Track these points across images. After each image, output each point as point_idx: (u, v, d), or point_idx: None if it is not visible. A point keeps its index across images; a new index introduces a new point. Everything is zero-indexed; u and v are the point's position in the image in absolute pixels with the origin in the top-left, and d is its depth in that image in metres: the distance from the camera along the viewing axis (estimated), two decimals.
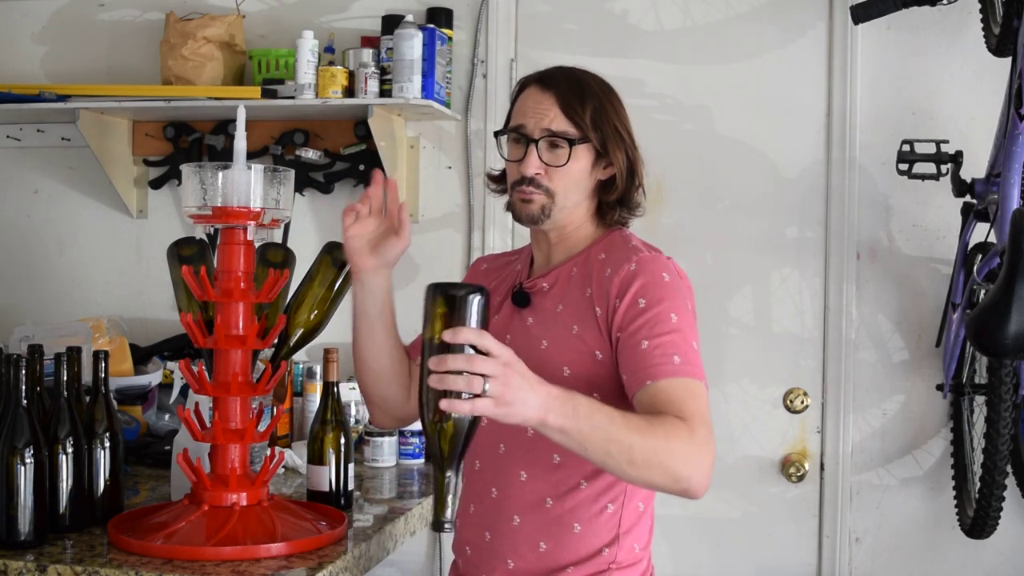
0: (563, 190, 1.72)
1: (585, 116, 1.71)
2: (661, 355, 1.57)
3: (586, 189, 1.75)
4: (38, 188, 3.27)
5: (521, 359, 1.64)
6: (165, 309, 3.10)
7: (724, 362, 2.84)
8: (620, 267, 1.66)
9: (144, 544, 1.74)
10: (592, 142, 1.72)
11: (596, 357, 1.66)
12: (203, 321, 1.89)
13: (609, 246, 1.74)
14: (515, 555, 1.71)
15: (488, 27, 2.96)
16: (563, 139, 1.71)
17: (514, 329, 1.75)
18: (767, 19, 2.84)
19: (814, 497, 2.82)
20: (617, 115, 1.75)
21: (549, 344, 1.70)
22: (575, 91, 1.73)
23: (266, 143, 3.02)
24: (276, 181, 1.85)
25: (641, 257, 1.67)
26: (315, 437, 2.11)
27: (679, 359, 1.57)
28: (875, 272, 2.78)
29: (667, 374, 1.56)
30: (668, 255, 1.72)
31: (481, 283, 1.85)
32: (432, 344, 1.37)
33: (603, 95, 1.75)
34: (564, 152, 1.71)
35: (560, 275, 1.75)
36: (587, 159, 1.73)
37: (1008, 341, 1.85)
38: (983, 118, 2.64)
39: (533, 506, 1.70)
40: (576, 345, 1.67)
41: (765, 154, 2.84)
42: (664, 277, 1.64)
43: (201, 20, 2.92)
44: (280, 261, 2.09)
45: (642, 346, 1.59)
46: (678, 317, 1.61)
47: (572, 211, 1.75)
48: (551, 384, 1.42)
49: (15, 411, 1.76)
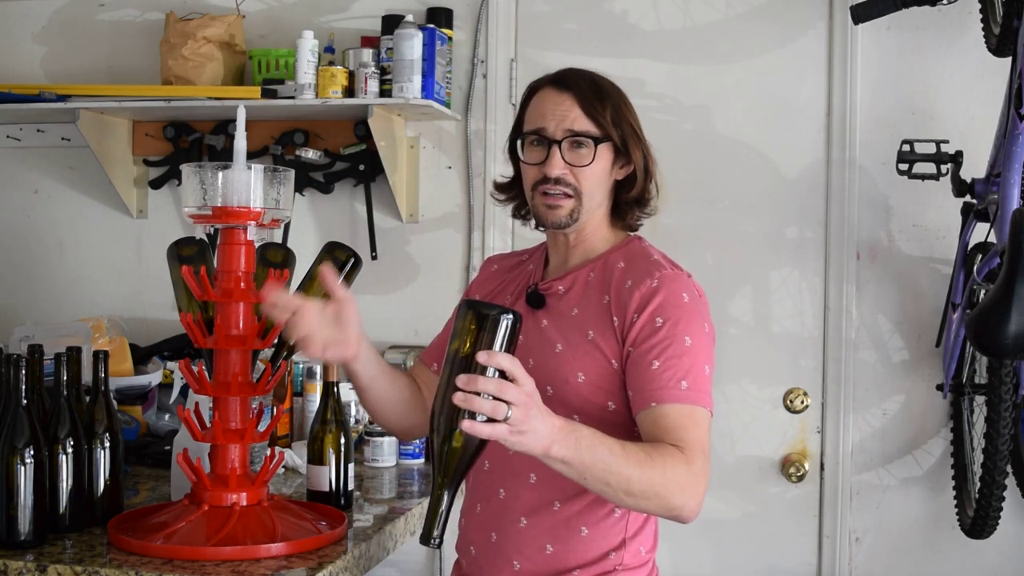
0: (589, 190, 1.73)
1: (606, 115, 1.72)
2: (670, 378, 1.58)
3: (607, 188, 1.76)
4: (38, 188, 3.27)
5: (534, 361, 1.64)
6: (165, 309, 3.10)
7: (724, 362, 2.80)
8: (642, 281, 1.66)
9: (144, 544, 1.74)
10: (614, 141, 1.73)
11: (612, 365, 1.66)
12: (203, 321, 1.89)
13: (629, 256, 1.74)
14: (521, 556, 1.71)
15: (488, 27, 2.96)
16: (587, 138, 1.71)
17: (528, 330, 1.72)
18: (767, 19, 2.84)
19: (814, 497, 2.82)
20: (632, 114, 1.76)
21: (564, 348, 1.69)
22: (593, 91, 1.74)
23: (266, 143, 3.02)
24: (276, 181, 1.85)
25: (664, 274, 1.66)
26: (315, 437, 2.11)
27: (687, 384, 1.58)
28: (875, 272, 2.78)
29: (673, 399, 1.57)
30: (688, 271, 1.72)
31: (492, 283, 1.86)
32: (458, 359, 1.37)
33: (617, 95, 1.76)
34: (588, 152, 1.72)
35: (577, 278, 1.75)
36: (608, 158, 1.74)
37: (1008, 341, 1.85)
38: (983, 118, 2.64)
39: (541, 508, 1.70)
40: (591, 351, 1.67)
41: (765, 154, 2.84)
42: (684, 297, 1.64)
43: (201, 20, 2.92)
44: (280, 261, 2.09)
45: (652, 366, 1.59)
46: (692, 340, 1.61)
47: (595, 212, 1.76)
48: (556, 415, 1.43)
49: (15, 411, 1.76)
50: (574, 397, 1.67)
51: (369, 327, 2.97)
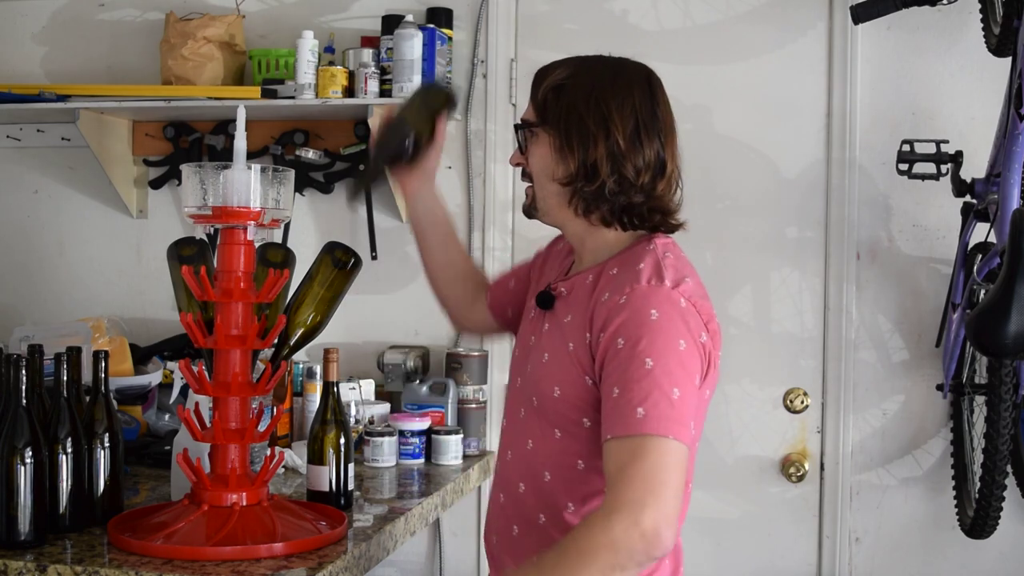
0: (536, 177, 1.68)
1: (540, 99, 1.65)
2: (625, 405, 1.45)
3: (554, 177, 1.64)
4: (38, 188, 3.27)
5: (531, 368, 1.64)
6: (165, 309, 3.10)
7: (724, 362, 2.79)
8: (614, 295, 1.54)
9: (144, 544, 1.74)
10: (546, 127, 1.63)
11: (586, 382, 1.56)
12: (203, 321, 1.89)
13: (624, 263, 1.61)
14: (514, 563, 1.66)
15: (488, 27, 2.96)
16: (523, 125, 1.68)
17: (537, 333, 1.69)
18: (767, 19, 2.84)
19: (814, 497, 2.82)
20: (592, 100, 1.61)
21: (549, 358, 1.63)
22: (545, 73, 1.67)
23: (266, 143, 3.02)
24: (276, 181, 1.85)
25: (636, 289, 1.53)
26: (315, 437, 2.11)
27: (643, 411, 1.44)
28: (875, 272, 2.78)
29: (623, 430, 1.44)
30: (683, 275, 1.58)
31: (540, 264, 1.87)
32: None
33: (588, 78, 1.63)
34: (527, 138, 1.68)
35: (576, 283, 1.66)
36: (549, 145, 1.64)
37: (1008, 341, 1.84)
38: (983, 118, 2.64)
39: (529, 519, 1.66)
40: (568, 365, 1.58)
41: (765, 154, 2.84)
42: (652, 315, 1.49)
43: (201, 20, 2.92)
44: (280, 261, 2.09)
45: (613, 394, 1.48)
46: (655, 362, 1.46)
47: (558, 209, 1.67)
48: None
49: (15, 411, 1.76)
50: (552, 411, 1.61)
51: (369, 327, 3.03)
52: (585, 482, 1.60)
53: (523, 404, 1.68)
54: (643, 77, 1.68)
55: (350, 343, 2.96)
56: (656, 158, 1.62)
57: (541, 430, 1.63)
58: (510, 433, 1.72)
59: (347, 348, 2.84)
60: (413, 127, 1.85)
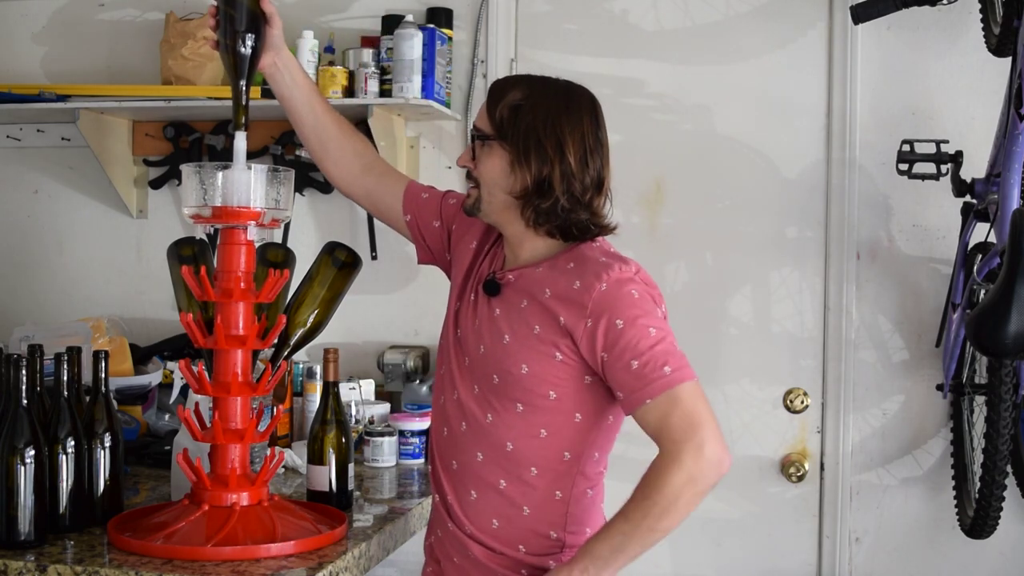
0: (486, 184, 1.80)
1: (503, 117, 1.77)
2: (652, 370, 1.64)
3: (508, 188, 1.78)
4: (38, 188, 3.27)
5: (485, 348, 1.76)
6: (165, 309, 3.10)
7: (724, 362, 2.84)
8: (591, 284, 1.70)
9: (144, 544, 1.74)
10: (503, 143, 1.77)
11: (556, 358, 1.72)
12: (203, 321, 1.89)
13: (579, 257, 1.77)
14: (473, 527, 1.81)
15: (488, 27, 2.96)
16: (478, 135, 1.80)
17: (482, 317, 1.81)
18: (767, 19, 2.84)
19: (814, 497, 2.82)
20: (550, 124, 1.75)
21: (511, 340, 1.75)
22: (503, 91, 1.80)
23: (266, 143, 3.02)
24: (276, 181, 1.86)
25: (611, 277, 1.70)
26: (315, 437, 2.11)
27: (669, 368, 1.65)
28: (875, 272, 2.78)
29: (659, 390, 1.64)
30: (632, 260, 1.76)
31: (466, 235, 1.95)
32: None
33: (545, 103, 1.77)
34: (480, 147, 1.80)
35: (524, 274, 1.79)
36: (504, 158, 1.77)
37: (1008, 341, 1.85)
38: (983, 118, 2.64)
39: (488, 485, 1.79)
40: (536, 345, 1.73)
41: (765, 154, 2.84)
42: (633, 294, 1.70)
43: (201, 20, 2.92)
44: (280, 261, 2.09)
45: (632, 366, 1.65)
46: (656, 328, 1.67)
47: (503, 212, 1.80)
48: (567, 565, 1.66)
49: (15, 411, 1.76)
50: (516, 387, 1.75)
51: (369, 327, 3.03)
52: (547, 447, 1.76)
53: (477, 381, 1.80)
54: (589, 103, 1.82)
55: (350, 343, 2.96)
56: (597, 176, 1.79)
57: (501, 404, 1.76)
58: (458, 406, 1.82)
59: (347, 348, 2.84)
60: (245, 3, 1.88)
